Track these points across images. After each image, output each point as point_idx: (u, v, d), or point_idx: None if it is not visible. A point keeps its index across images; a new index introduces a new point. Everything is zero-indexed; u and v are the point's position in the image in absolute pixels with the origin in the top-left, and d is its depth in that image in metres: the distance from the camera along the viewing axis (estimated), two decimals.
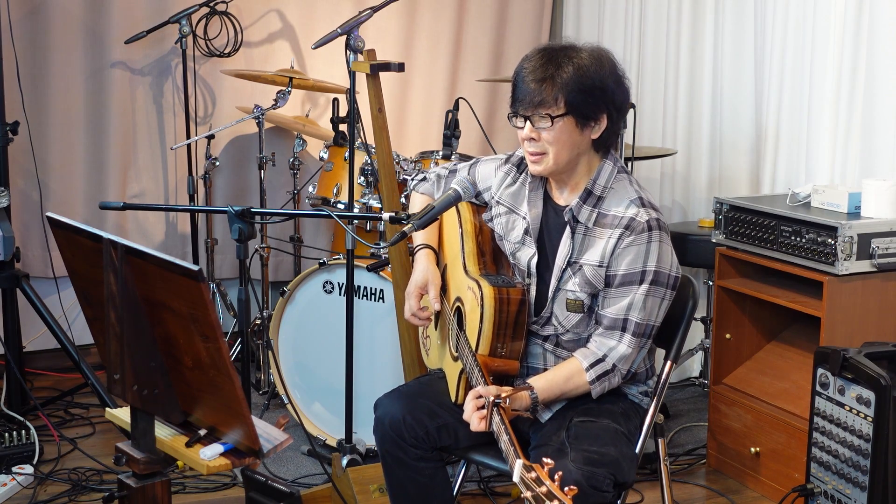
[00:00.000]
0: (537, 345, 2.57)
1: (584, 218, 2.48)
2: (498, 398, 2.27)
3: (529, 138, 2.43)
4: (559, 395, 2.46)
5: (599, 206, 2.48)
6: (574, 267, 2.48)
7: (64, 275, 3.93)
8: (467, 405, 2.34)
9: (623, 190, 2.48)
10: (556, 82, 2.37)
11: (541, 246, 2.55)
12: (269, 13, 4.63)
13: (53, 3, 4.26)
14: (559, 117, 2.39)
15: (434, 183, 2.84)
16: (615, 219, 2.45)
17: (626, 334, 2.45)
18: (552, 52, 2.44)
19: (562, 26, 5.11)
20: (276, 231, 4.62)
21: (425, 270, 2.69)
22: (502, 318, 2.46)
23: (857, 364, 2.90)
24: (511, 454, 2.12)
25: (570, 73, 2.38)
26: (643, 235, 2.42)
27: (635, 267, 2.43)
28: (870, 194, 3.26)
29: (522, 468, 1.85)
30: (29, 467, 3.45)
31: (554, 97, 2.38)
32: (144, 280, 1.95)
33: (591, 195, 2.48)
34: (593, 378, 2.45)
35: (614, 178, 2.49)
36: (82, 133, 4.39)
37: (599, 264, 2.45)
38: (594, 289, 2.47)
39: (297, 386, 3.74)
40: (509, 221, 2.62)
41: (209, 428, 2.04)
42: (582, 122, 2.42)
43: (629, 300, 2.43)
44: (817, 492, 3.05)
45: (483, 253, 2.64)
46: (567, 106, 2.39)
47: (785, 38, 3.88)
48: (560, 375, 2.46)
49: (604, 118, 2.44)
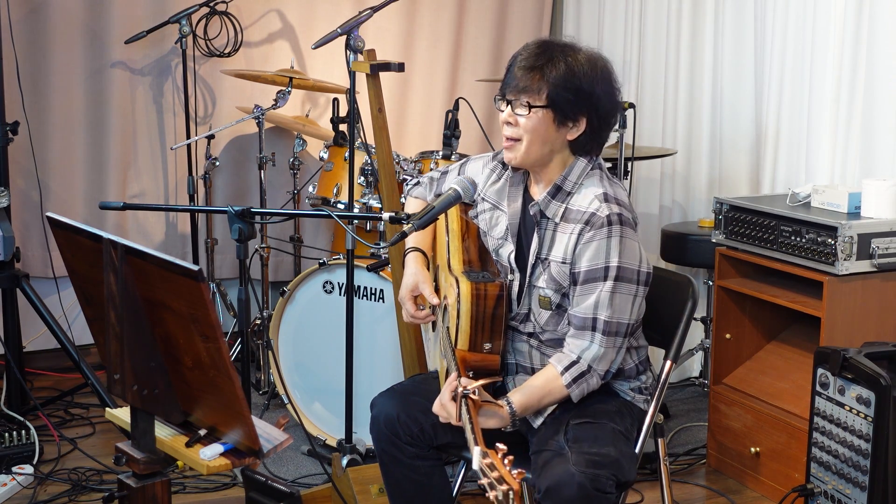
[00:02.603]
0: (523, 342, 2.58)
1: (551, 213, 2.49)
2: (466, 389, 2.29)
3: (507, 122, 2.47)
4: (539, 403, 2.45)
5: (567, 201, 2.48)
6: (544, 263, 2.49)
7: (64, 275, 3.92)
8: (441, 396, 2.38)
9: (591, 185, 2.48)
10: (544, 74, 2.40)
11: (519, 241, 2.57)
12: (269, 13, 4.63)
13: (53, 3, 4.27)
14: (538, 108, 2.41)
15: (426, 186, 2.85)
16: (578, 213, 2.45)
17: (596, 333, 2.43)
18: (550, 45, 2.47)
19: (562, 26, 5.12)
20: (276, 231, 4.62)
21: (414, 274, 2.70)
22: (479, 313, 2.47)
23: (857, 364, 2.90)
24: (471, 441, 2.13)
25: (560, 70, 2.41)
26: (602, 230, 2.41)
27: (597, 263, 2.42)
28: (870, 194, 3.26)
29: (479, 454, 1.87)
30: (29, 467, 3.45)
31: (538, 87, 2.40)
32: (144, 280, 1.95)
33: (560, 190, 2.49)
34: (569, 381, 2.43)
35: (586, 175, 2.50)
36: (82, 133, 4.39)
37: (563, 261, 2.45)
38: (560, 286, 2.47)
39: (297, 386, 3.74)
40: (493, 217, 2.63)
41: (209, 428, 2.04)
42: (560, 120, 2.43)
43: (595, 298, 2.42)
44: (817, 492, 3.05)
45: (468, 250, 2.65)
46: (548, 99, 2.41)
47: (785, 38, 3.89)
48: (536, 384, 2.45)
49: (583, 121, 2.45)
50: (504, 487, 1.78)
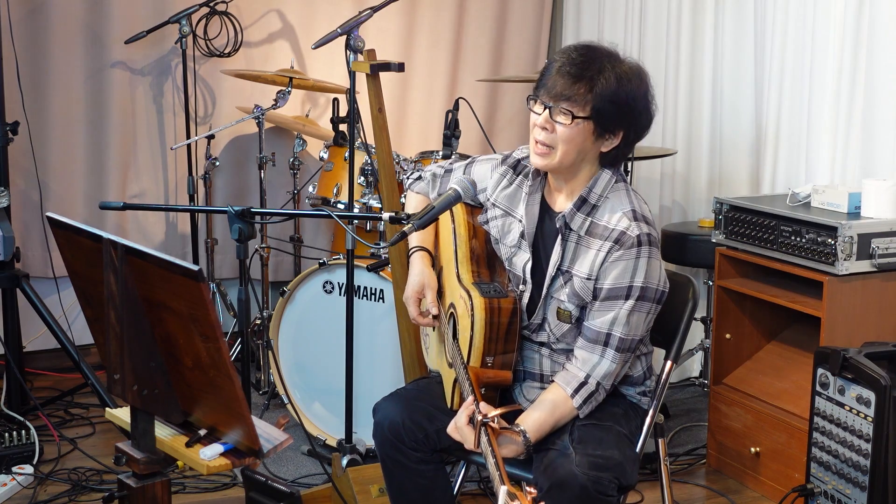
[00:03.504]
0: (534, 350, 2.56)
1: (576, 226, 2.45)
2: (486, 417, 2.25)
3: (543, 127, 2.39)
4: (551, 430, 2.42)
5: (593, 214, 2.44)
6: (565, 276, 2.45)
7: (64, 275, 3.92)
8: (458, 419, 2.34)
9: (618, 200, 2.44)
10: (592, 84, 2.33)
11: (535, 251, 2.53)
12: (269, 13, 4.63)
13: (53, 3, 4.26)
14: (581, 119, 2.35)
15: (429, 182, 2.80)
16: (606, 230, 2.41)
17: (608, 349, 2.41)
18: (596, 52, 2.38)
19: (562, 26, 5.12)
20: (276, 231, 4.62)
21: (421, 274, 2.66)
22: (493, 329, 2.45)
23: (857, 364, 2.90)
24: (496, 479, 2.08)
25: (610, 82, 2.33)
26: (632, 251, 2.38)
27: (622, 282, 2.39)
28: (870, 194, 3.26)
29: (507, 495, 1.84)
30: (29, 467, 3.45)
31: (583, 98, 2.33)
32: (144, 280, 1.95)
33: (585, 203, 2.44)
34: (580, 403, 2.42)
35: (611, 188, 2.45)
36: (82, 133, 4.39)
37: (588, 277, 2.42)
38: (582, 301, 2.44)
39: (297, 386, 3.74)
40: (505, 224, 2.59)
41: (209, 428, 2.03)
42: (599, 132, 2.38)
43: (614, 315, 2.40)
44: (817, 492, 3.05)
45: (476, 258, 2.61)
46: (593, 111, 2.35)
47: (785, 38, 3.88)
48: (546, 410, 2.41)
49: (620, 135, 2.41)
50: None
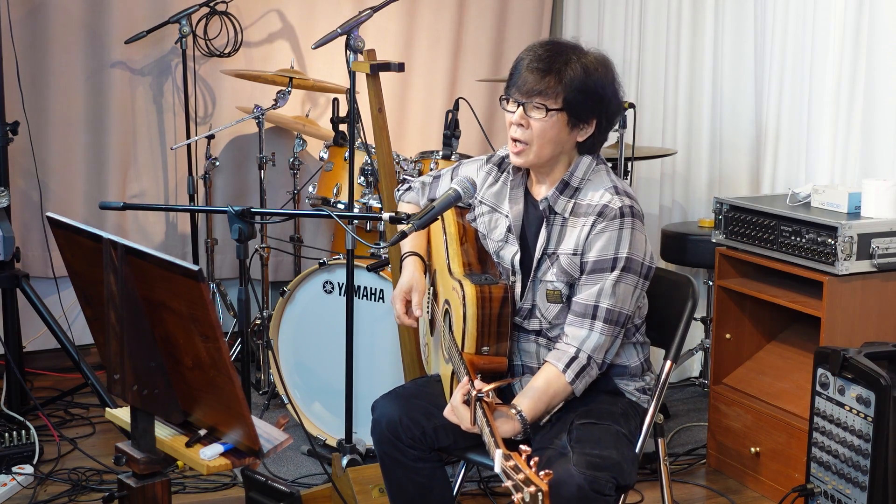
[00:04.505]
0: (530, 341, 2.58)
1: (560, 208, 2.49)
2: (480, 392, 2.27)
3: (518, 123, 2.44)
4: (547, 407, 2.43)
5: (576, 196, 2.49)
6: (552, 258, 2.49)
7: (64, 275, 3.92)
8: (453, 399, 2.36)
9: (599, 180, 2.50)
10: (561, 76, 2.39)
11: (523, 242, 2.57)
12: (269, 13, 4.63)
13: (53, 3, 4.27)
14: (554, 111, 2.40)
15: (419, 190, 2.85)
16: (589, 207, 2.46)
17: (597, 321, 2.43)
18: (560, 46, 2.45)
19: (562, 26, 5.12)
20: (276, 231, 4.62)
21: (410, 277, 2.71)
22: (485, 315, 2.47)
23: (857, 364, 2.90)
24: (491, 445, 2.12)
25: (577, 72, 2.40)
26: (615, 221, 2.42)
27: (607, 253, 2.43)
28: (870, 194, 3.26)
29: (502, 457, 1.86)
30: (29, 467, 3.45)
31: (554, 90, 2.39)
32: (144, 280, 1.95)
33: (567, 186, 2.49)
34: (572, 378, 2.43)
35: (592, 170, 2.51)
36: (82, 133, 4.39)
37: (574, 252, 2.46)
38: (571, 278, 2.47)
39: (297, 386, 3.74)
40: (492, 220, 2.63)
41: (209, 428, 2.04)
42: (573, 122, 2.43)
43: (600, 287, 2.43)
44: (817, 492, 3.05)
45: (467, 253, 2.65)
46: (564, 102, 2.40)
47: (785, 38, 3.88)
48: (540, 388, 2.42)
49: (593, 123, 2.46)
50: (532, 489, 1.76)
